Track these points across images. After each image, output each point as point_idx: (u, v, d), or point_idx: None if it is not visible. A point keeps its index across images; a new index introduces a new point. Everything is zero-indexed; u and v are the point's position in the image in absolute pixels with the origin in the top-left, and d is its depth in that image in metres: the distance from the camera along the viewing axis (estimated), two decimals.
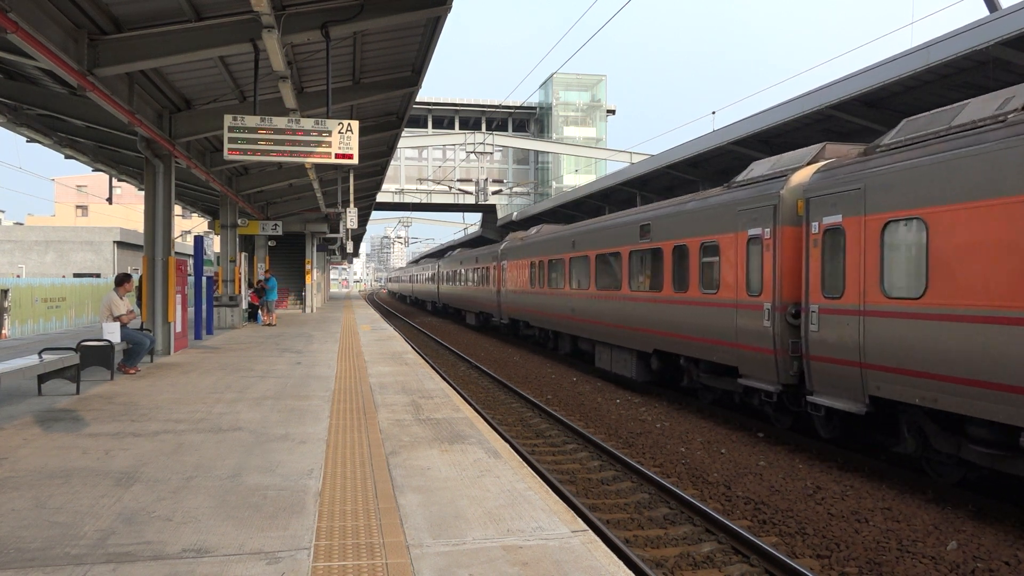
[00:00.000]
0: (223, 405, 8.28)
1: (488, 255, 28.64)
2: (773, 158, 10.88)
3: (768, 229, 9.87)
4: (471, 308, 32.42)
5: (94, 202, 62.09)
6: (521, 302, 23.10)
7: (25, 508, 4.58)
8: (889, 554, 6.11)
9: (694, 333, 11.75)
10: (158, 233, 13.06)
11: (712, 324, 11.17)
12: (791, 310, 9.51)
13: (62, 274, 43.92)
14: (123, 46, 9.39)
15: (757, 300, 10.06)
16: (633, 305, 14.16)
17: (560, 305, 18.77)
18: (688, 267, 12.02)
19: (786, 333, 9.51)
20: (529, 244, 22.50)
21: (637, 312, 13.96)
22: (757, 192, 10.27)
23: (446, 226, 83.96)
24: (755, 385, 10.10)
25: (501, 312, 26.07)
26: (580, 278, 17.34)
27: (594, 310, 16.26)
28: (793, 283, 9.56)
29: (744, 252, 10.43)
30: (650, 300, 13.41)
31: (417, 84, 13.59)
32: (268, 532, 4.20)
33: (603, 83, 56.23)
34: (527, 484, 5.24)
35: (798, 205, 9.45)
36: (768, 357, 9.75)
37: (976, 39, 11.46)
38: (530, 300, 21.89)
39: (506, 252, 25.42)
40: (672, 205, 13.12)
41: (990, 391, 6.58)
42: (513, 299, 24.16)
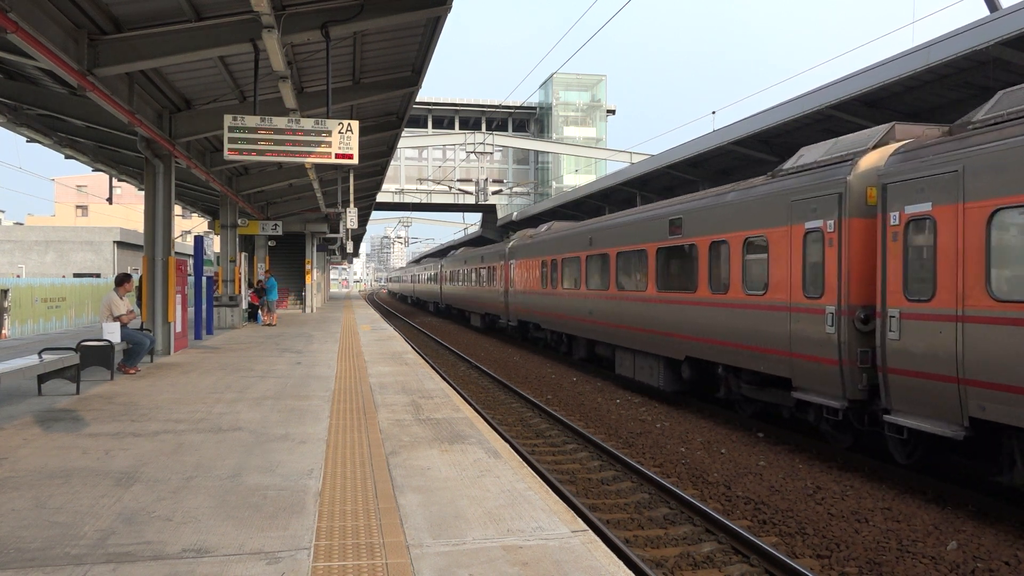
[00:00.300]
0: (223, 405, 8.28)
1: (495, 254, 27.39)
2: (827, 142, 9.70)
3: (832, 221, 8.61)
4: (476, 309, 31.17)
5: (94, 202, 62.10)
6: (531, 303, 21.87)
7: (25, 508, 4.58)
8: (889, 554, 6.11)
9: (736, 339, 10.56)
10: (158, 233, 13.07)
11: (759, 329, 10.00)
12: (860, 314, 8.30)
13: (62, 274, 43.92)
14: (123, 46, 9.39)
15: (817, 303, 8.84)
16: (662, 308, 12.93)
17: (575, 307, 17.58)
18: (728, 265, 10.85)
19: (854, 341, 8.27)
20: (540, 242, 21.24)
21: (667, 315, 12.71)
22: (817, 179, 9.00)
23: (446, 226, 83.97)
24: (814, 400, 8.85)
25: (509, 314, 24.82)
26: (599, 278, 16.15)
27: (615, 313, 15.02)
28: (863, 283, 8.33)
29: (800, 248, 9.23)
30: (682, 302, 12.17)
31: (417, 84, 13.59)
32: (268, 532, 4.20)
33: (603, 83, 56.25)
34: (527, 484, 5.24)
35: (868, 193, 8.30)
36: (831, 369, 8.52)
37: (976, 39, 11.46)
38: (541, 301, 20.61)
39: (515, 251, 24.18)
40: (707, 197, 11.89)
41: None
42: (522, 300, 22.90)
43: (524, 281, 22.70)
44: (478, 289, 30.40)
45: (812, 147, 9.98)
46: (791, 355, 9.30)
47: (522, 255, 23.13)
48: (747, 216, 10.46)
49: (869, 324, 8.26)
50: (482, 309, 29.74)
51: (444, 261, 41.69)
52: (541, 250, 20.98)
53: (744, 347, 10.40)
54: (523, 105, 55.67)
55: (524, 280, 22.71)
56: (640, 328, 13.84)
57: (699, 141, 21.12)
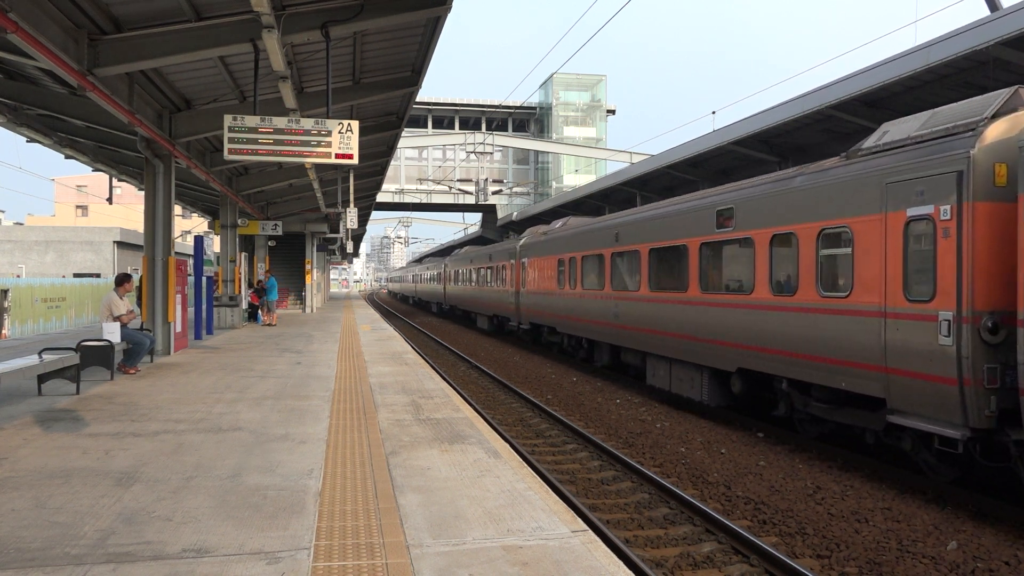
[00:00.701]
0: (223, 405, 8.28)
1: (504, 252, 25.65)
2: (921, 115, 8.25)
3: (948, 206, 7.07)
4: (483, 311, 29.56)
5: (94, 202, 62.09)
6: (546, 305, 20.10)
7: (25, 508, 4.58)
8: (889, 554, 6.11)
9: (807, 349, 9.00)
10: (158, 233, 13.07)
11: (839, 338, 8.45)
12: (987, 322, 6.83)
13: (62, 274, 43.93)
14: (123, 46, 9.39)
15: (925, 307, 7.28)
16: (707, 311, 11.30)
17: (598, 309, 15.91)
18: (797, 262, 9.33)
19: (980, 355, 6.78)
20: (556, 239, 19.54)
21: (714, 320, 11.11)
22: (924, 156, 7.48)
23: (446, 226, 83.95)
24: (920, 426, 7.29)
25: (520, 316, 23.18)
26: (627, 277, 14.51)
27: (648, 316, 13.32)
28: (991, 283, 6.87)
29: (899, 240, 7.66)
30: (735, 306, 10.60)
31: (417, 84, 13.60)
32: (268, 532, 4.20)
33: (603, 83, 56.25)
34: (527, 484, 5.24)
35: (997, 171, 6.89)
36: (947, 389, 6.99)
37: (976, 39, 11.46)
38: (557, 303, 18.89)
39: (527, 248, 22.45)
40: (763, 184, 10.42)
41: None
42: (535, 301, 21.13)
43: (537, 281, 21.05)
44: (486, 290, 28.78)
45: (897, 122, 8.59)
46: (886, 370, 7.75)
47: (535, 253, 21.49)
48: (822, 204, 8.93)
49: (999, 334, 6.81)
50: (490, 311, 28.26)
51: (448, 260, 40.07)
52: (557, 247, 19.27)
53: (818, 359, 8.82)
54: (523, 105, 55.68)
55: (537, 280, 21.06)
56: (679, 334, 12.17)
57: (699, 141, 21.12)
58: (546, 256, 20.23)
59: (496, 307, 26.95)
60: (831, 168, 9.02)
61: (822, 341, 8.78)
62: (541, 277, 20.75)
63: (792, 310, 9.43)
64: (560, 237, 19.19)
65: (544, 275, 20.42)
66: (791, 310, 9.45)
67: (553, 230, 20.48)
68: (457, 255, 37.43)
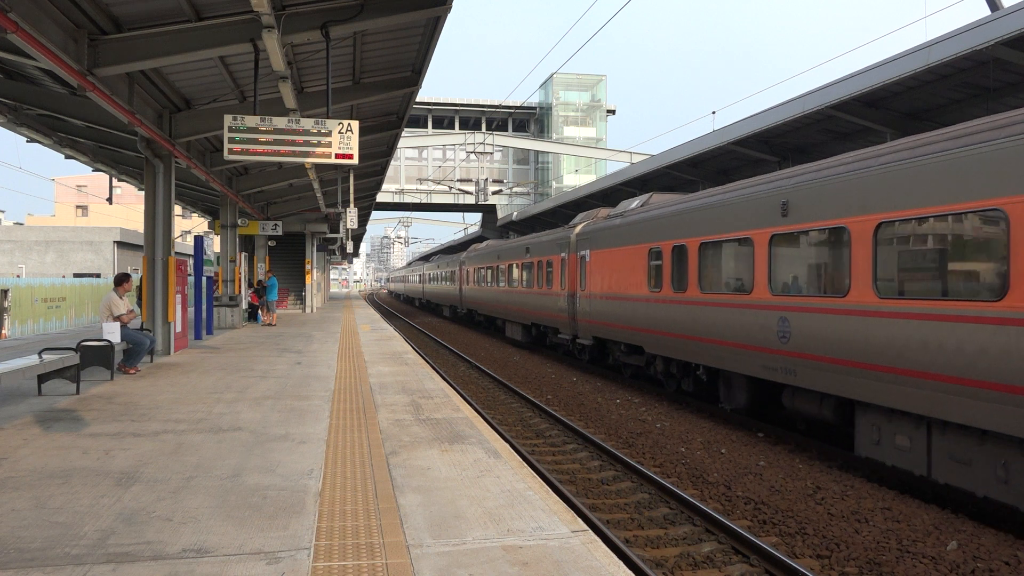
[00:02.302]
0: (223, 405, 8.28)
1: (551, 244, 20.36)
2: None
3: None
4: (516, 318, 24.11)
5: (94, 202, 62.11)
6: (622, 314, 14.97)
7: (25, 508, 4.58)
8: (889, 554, 6.11)
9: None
10: (158, 233, 13.07)
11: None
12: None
13: (62, 274, 43.94)
14: (123, 46, 9.40)
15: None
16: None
17: (738, 324, 10.52)
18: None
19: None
20: (642, 221, 14.24)
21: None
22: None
23: (446, 226, 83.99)
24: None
25: (576, 327, 17.99)
26: (812, 274, 9.41)
27: (879, 339, 7.90)
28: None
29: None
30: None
31: (417, 84, 13.60)
32: (268, 532, 4.20)
33: (603, 83, 56.24)
34: (527, 484, 5.24)
35: None
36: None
37: (976, 39, 11.46)
38: (647, 312, 13.71)
39: (588, 237, 17.18)
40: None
41: None
42: (603, 309, 16.01)
43: (608, 280, 15.85)
44: (521, 292, 23.38)
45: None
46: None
47: (603, 243, 16.21)
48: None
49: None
50: (527, 318, 22.70)
51: (466, 256, 34.75)
52: (645, 233, 13.99)
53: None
54: (523, 105, 55.68)
55: (608, 279, 15.85)
56: (972, 380, 6.75)
57: (699, 141, 21.13)
58: (625, 246, 15.00)
59: (536, 314, 21.54)
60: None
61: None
62: (614, 275, 15.50)
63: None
64: (652, 219, 13.83)
65: (620, 272, 15.18)
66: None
67: (632, 211, 15.16)
68: (477, 250, 31.98)
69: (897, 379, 7.65)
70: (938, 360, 7.13)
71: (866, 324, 8.16)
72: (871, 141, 16.93)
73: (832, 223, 8.77)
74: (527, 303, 22.59)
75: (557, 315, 19.44)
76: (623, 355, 15.52)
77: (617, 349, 15.80)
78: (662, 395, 13.88)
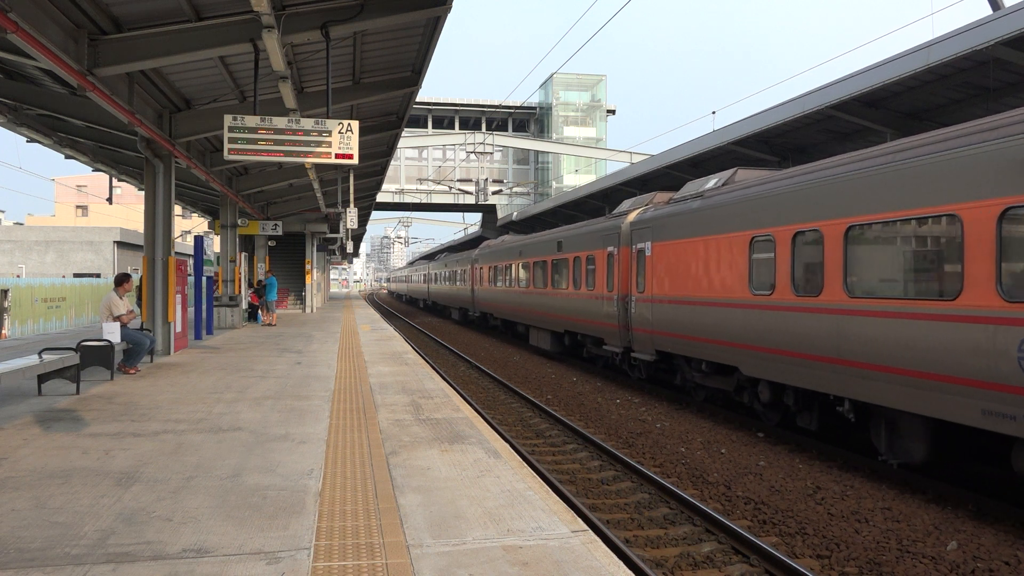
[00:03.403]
0: (223, 405, 8.28)
1: (594, 236, 16.36)
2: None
3: None
4: (544, 324, 20.38)
5: (94, 202, 62.11)
6: (706, 324, 11.37)
7: (25, 508, 4.58)
8: (889, 554, 6.11)
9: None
10: (158, 233, 13.07)
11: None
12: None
13: (62, 274, 43.94)
14: (123, 46, 9.40)
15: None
16: None
17: (930, 344, 7.28)
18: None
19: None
20: (732, 204, 10.85)
21: None
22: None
23: (446, 226, 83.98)
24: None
25: (632, 338, 14.24)
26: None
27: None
28: None
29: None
30: None
31: (417, 84, 13.60)
32: (268, 532, 4.20)
33: (603, 83, 56.24)
34: (527, 484, 5.24)
35: None
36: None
37: (976, 39, 11.46)
38: (752, 323, 10.19)
39: (649, 227, 13.53)
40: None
41: None
42: (677, 317, 12.29)
43: (681, 280, 12.21)
44: (550, 294, 19.35)
45: None
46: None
47: (676, 232, 12.47)
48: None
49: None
50: (559, 324, 18.80)
51: (480, 253, 30.17)
52: (751, 216, 10.39)
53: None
54: (523, 105, 55.68)
55: (681, 278, 12.21)
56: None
57: (699, 141, 21.13)
58: (708, 236, 11.37)
59: (572, 320, 17.85)
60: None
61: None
62: (690, 273, 11.94)
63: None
64: (755, 198, 10.29)
65: (700, 270, 11.64)
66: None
67: (713, 190, 11.72)
68: (492, 247, 28.31)
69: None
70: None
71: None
72: (871, 141, 16.93)
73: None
74: (559, 307, 18.89)
75: (602, 322, 15.78)
76: (701, 376, 11.97)
77: (692, 367, 12.19)
78: (662, 395, 13.87)
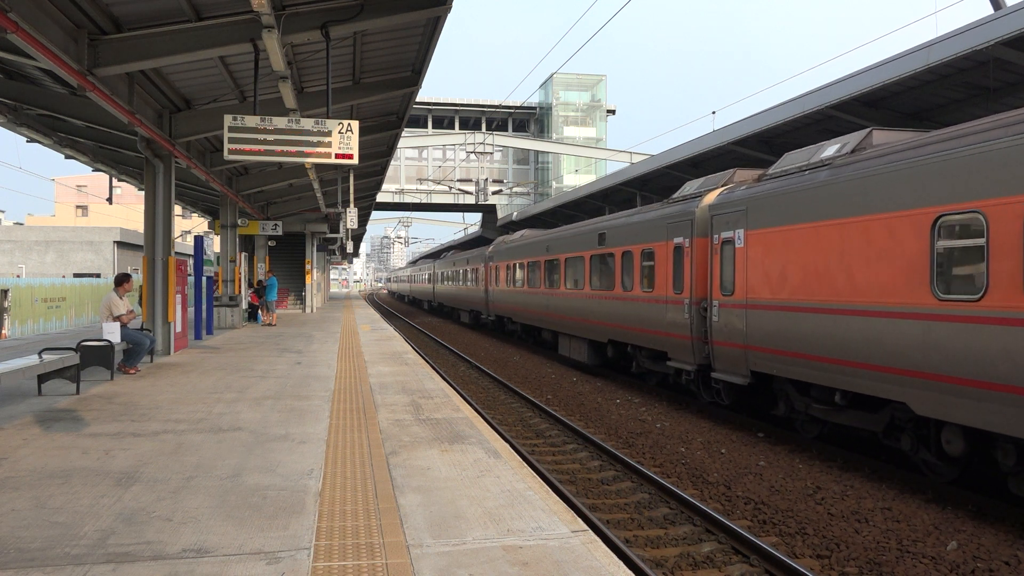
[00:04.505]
0: (223, 405, 8.28)
1: (653, 225, 13.41)
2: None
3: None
4: (579, 331, 17.28)
5: (94, 202, 62.10)
6: (850, 342, 8.42)
7: (25, 508, 4.58)
8: (889, 554, 6.11)
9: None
10: (158, 233, 13.07)
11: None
12: None
13: (62, 274, 43.93)
14: (123, 46, 9.40)
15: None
16: None
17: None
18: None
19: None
20: (898, 170, 7.92)
21: None
22: None
23: (446, 226, 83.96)
24: None
25: (713, 354, 11.25)
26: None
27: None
28: None
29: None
30: None
31: (417, 84, 13.60)
32: (268, 532, 4.20)
33: (603, 83, 56.24)
34: (527, 484, 5.24)
35: None
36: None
37: (976, 39, 11.46)
38: (936, 339, 7.25)
39: (744, 209, 10.60)
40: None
41: None
42: (793, 329, 9.43)
43: (799, 278, 9.41)
44: (588, 297, 16.69)
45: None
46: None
47: (789, 215, 9.70)
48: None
49: None
50: (601, 333, 15.92)
51: (495, 250, 26.80)
52: (932, 186, 7.49)
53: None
54: (523, 105, 55.68)
55: (799, 276, 9.42)
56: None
57: (699, 141, 21.12)
58: (849, 218, 8.59)
59: (620, 328, 14.78)
60: None
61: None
62: (817, 269, 9.06)
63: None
64: (944, 160, 7.36)
65: (833, 264, 8.82)
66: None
67: (845, 158, 9.07)
68: (510, 243, 25.06)
69: None
70: None
71: None
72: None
73: None
74: (601, 312, 15.82)
75: (664, 332, 12.77)
76: (827, 409, 9.20)
77: (813, 397, 9.44)
78: (662, 395, 13.87)
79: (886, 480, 8.19)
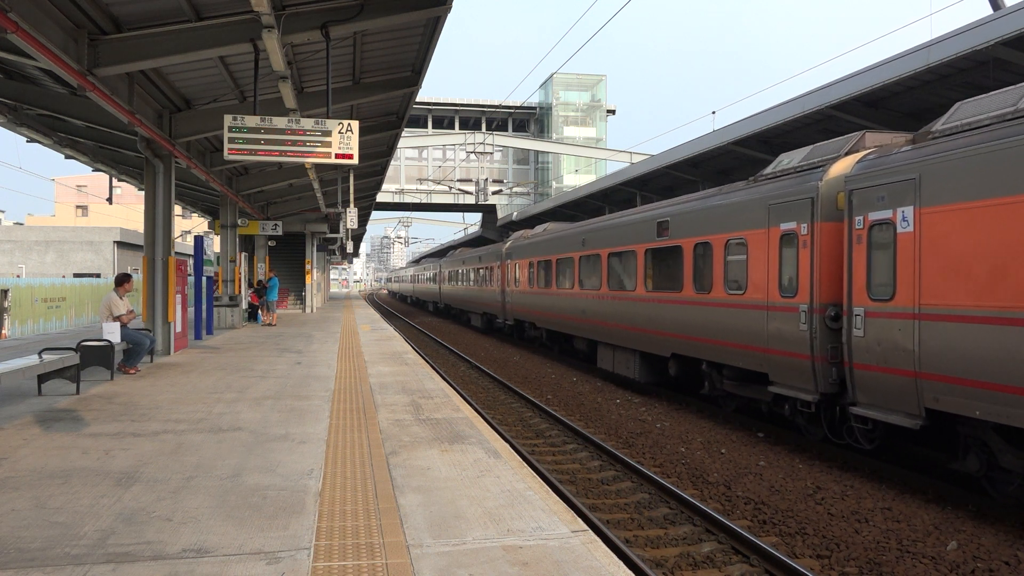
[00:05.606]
0: (223, 405, 8.28)
1: (738, 209, 10.74)
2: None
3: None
4: (624, 341, 14.68)
5: (94, 202, 62.11)
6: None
7: (25, 508, 4.58)
8: (889, 554, 6.11)
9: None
10: (158, 233, 13.07)
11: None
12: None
13: (62, 274, 43.93)
14: (123, 46, 9.40)
15: None
16: None
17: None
18: None
19: None
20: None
21: None
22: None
23: (446, 226, 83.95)
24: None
25: (856, 383, 8.21)
26: None
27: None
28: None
29: None
30: None
31: (417, 84, 13.60)
32: (268, 532, 4.20)
33: (603, 83, 56.24)
34: (527, 484, 5.24)
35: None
36: None
37: (976, 39, 11.46)
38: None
39: (911, 175, 7.49)
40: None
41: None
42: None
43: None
44: (638, 300, 14.04)
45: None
46: None
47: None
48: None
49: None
50: (654, 345, 13.38)
51: (514, 246, 24.30)
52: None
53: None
54: (523, 105, 55.69)
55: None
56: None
57: (699, 141, 21.12)
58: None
59: (702, 341, 11.61)
60: None
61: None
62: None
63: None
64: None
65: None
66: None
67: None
68: (531, 237, 22.69)
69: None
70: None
71: None
72: None
73: None
74: (663, 319, 12.95)
75: (765, 348, 9.93)
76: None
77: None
78: (662, 395, 13.87)
79: (886, 480, 8.19)
